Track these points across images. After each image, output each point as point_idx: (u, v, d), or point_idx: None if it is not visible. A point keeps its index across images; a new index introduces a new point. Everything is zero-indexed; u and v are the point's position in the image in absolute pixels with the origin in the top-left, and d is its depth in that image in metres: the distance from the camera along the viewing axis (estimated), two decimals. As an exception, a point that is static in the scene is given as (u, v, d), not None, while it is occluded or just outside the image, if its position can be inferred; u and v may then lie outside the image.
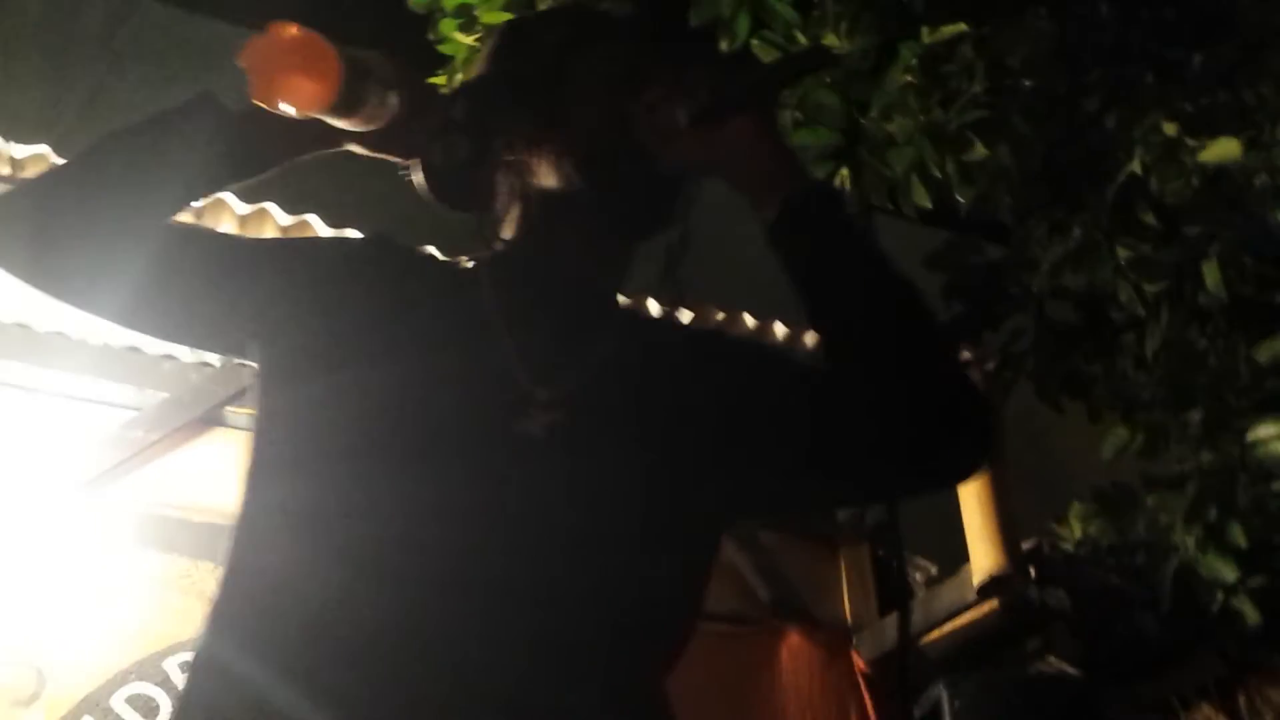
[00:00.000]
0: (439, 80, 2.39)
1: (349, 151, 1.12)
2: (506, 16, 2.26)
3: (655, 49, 1.14)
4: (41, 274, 1.02)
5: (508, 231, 1.09)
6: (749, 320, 3.28)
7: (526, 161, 1.07)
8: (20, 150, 2.86)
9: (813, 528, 4.05)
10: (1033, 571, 3.64)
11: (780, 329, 3.32)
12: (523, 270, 1.07)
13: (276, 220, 3.02)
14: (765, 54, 2.63)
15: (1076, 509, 4.41)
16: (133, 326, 1.08)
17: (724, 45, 2.30)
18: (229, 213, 2.96)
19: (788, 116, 2.70)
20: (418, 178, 1.10)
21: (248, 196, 2.97)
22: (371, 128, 1.07)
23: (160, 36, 5.77)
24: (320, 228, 2.99)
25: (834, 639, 3.75)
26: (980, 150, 2.56)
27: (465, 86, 1.12)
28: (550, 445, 0.97)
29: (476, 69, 1.15)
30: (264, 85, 1.00)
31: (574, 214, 1.07)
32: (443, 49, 2.45)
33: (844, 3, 2.37)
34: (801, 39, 2.60)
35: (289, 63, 1.00)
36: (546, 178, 1.06)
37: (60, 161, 1.05)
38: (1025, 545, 3.65)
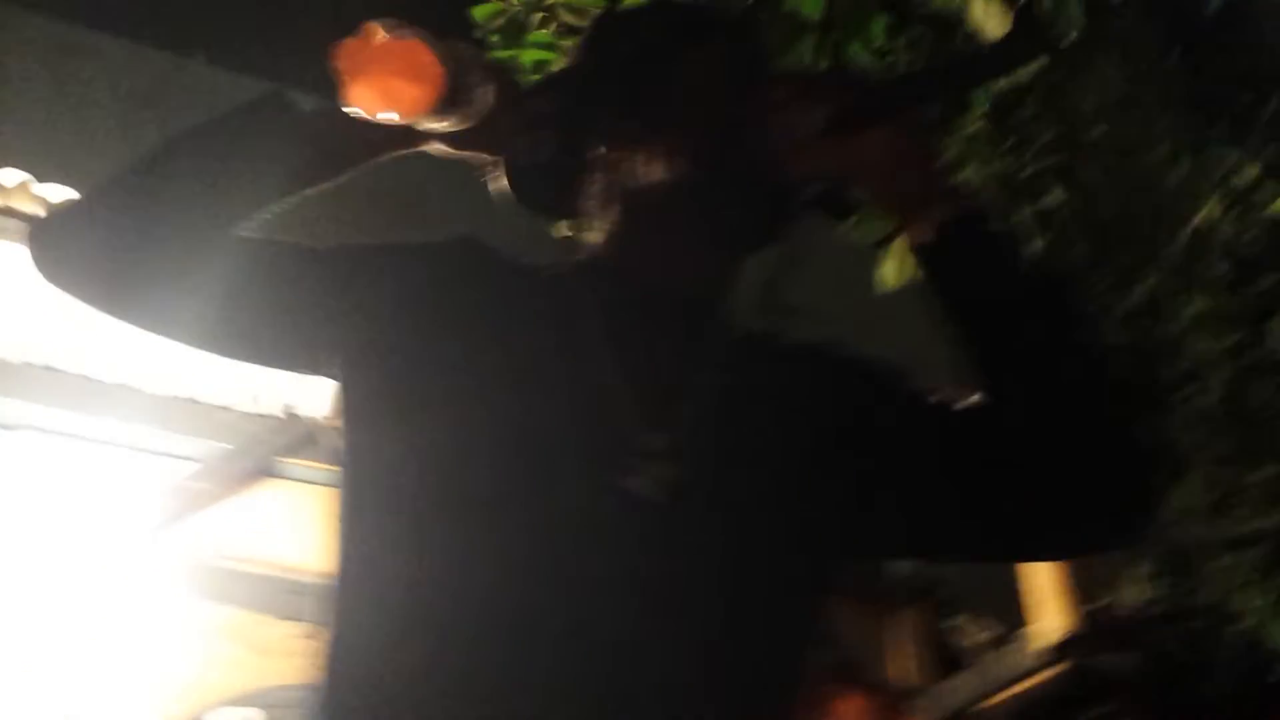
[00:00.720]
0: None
1: (425, 153, 1.00)
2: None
3: (766, 55, 1.06)
4: (106, 295, 0.93)
5: (599, 240, 0.98)
6: None
7: (625, 161, 0.97)
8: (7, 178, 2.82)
9: (868, 588, 3.97)
10: (1098, 633, 3.55)
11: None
12: (620, 285, 0.95)
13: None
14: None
15: (1141, 570, 4.32)
16: (206, 347, 0.97)
17: None
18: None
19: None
20: (498, 180, 1.00)
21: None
22: (464, 127, 0.96)
23: (207, 98, 5.87)
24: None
25: (890, 703, 3.65)
26: (1056, 196, 2.54)
27: (557, 78, 1.04)
28: (665, 506, 0.86)
29: (570, 59, 1.05)
30: (360, 91, 0.90)
31: (677, 222, 0.95)
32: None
33: (917, 49, 2.36)
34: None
35: (387, 67, 0.89)
36: (647, 180, 0.96)
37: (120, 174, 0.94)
38: (1087, 608, 3.56)
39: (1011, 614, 3.60)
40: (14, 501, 3.10)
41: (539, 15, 2.42)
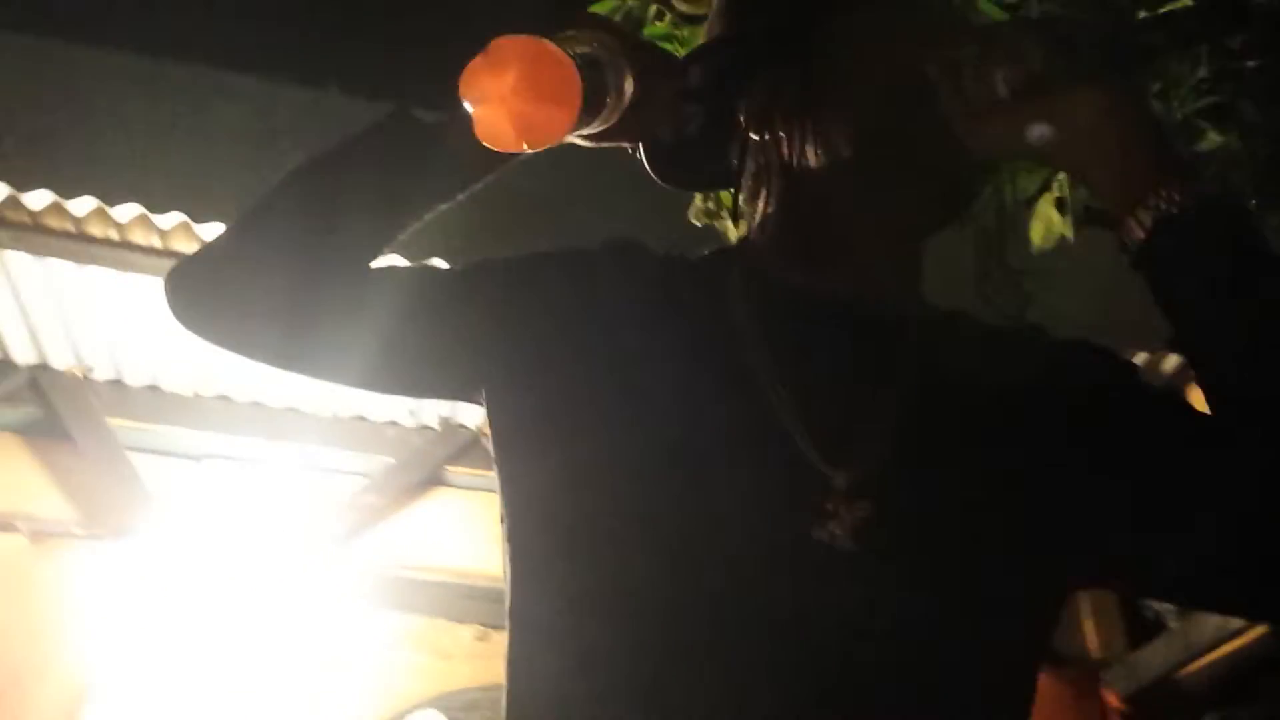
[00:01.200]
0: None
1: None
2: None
3: (942, 13, 0.90)
4: (237, 339, 0.87)
5: (759, 236, 0.87)
6: None
7: (783, 137, 0.85)
8: (165, 221, 2.92)
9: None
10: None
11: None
12: (786, 293, 0.84)
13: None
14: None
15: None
16: (365, 386, 0.92)
17: None
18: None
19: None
20: (646, 159, 0.91)
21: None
22: (608, 125, 0.85)
23: (345, 123, 6.05)
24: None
25: (1081, 677, 3.52)
26: (1212, 138, 2.39)
27: (701, 49, 0.91)
28: (861, 554, 0.74)
29: (712, 27, 0.94)
30: (492, 122, 0.79)
31: (848, 205, 0.83)
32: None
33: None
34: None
35: (527, 91, 0.78)
36: (810, 158, 0.83)
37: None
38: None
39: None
40: (207, 526, 3.27)
41: (654, 7, 2.41)
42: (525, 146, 0.80)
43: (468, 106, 0.79)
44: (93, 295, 3.08)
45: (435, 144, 0.87)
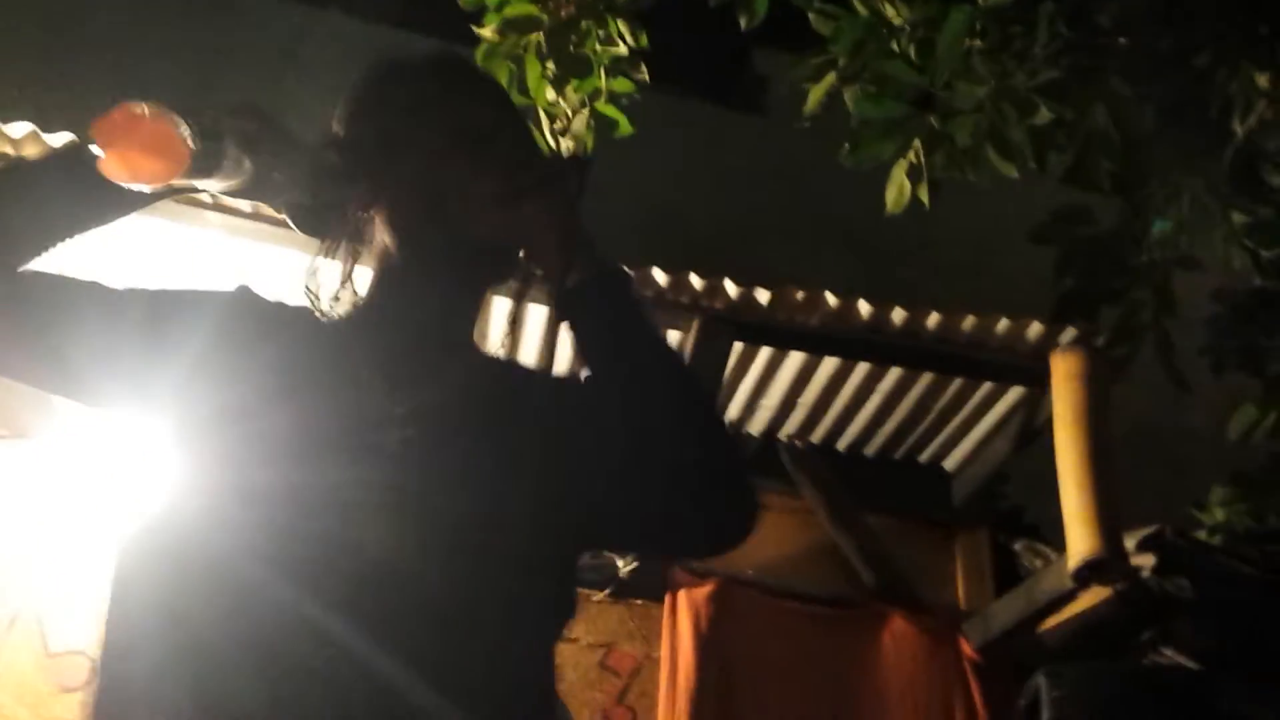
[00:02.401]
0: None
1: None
2: (530, 9, 2.29)
3: (479, 121, 1.21)
4: None
5: (366, 287, 1.19)
6: (831, 299, 3.23)
7: (367, 219, 1.18)
8: (14, 130, 2.96)
9: (928, 512, 3.96)
10: (1154, 558, 3.46)
11: (865, 308, 3.25)
12: (378, 319, 1.17)
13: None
14: (823, 27, 2.60)
15: (1217, 493, 4.16)
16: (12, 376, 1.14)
17: (743, 23, 2.27)
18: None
19: (853, 93, 2.65)
20: (286, 217, 1.20)
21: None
22: (229, 185, 1.13)
23: (342, 47, 6.10)
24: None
25: (940, 625, 3.66)
26: (1044, 114, 2.45)
27: (330, 137, 1.20)
28: (404, 455, 1.09)
29: (343, 121, 1.22)
30: (111, 163, 1.06)
31: (407, 272, 1.17)
32: (481, 45, 2.49)
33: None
34: (860, 9, 2.56)
35: (138, 141, 1.05)
36: (381, 237, 1.18)
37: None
38: (1146, 530, 3.47)
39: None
40: (105, 430, 3.40)
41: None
42: (134, 185, 1.07)
43: (97, 150, 1.06)
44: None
45: (95, 177, 1.09)
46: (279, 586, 1.02)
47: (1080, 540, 2.96)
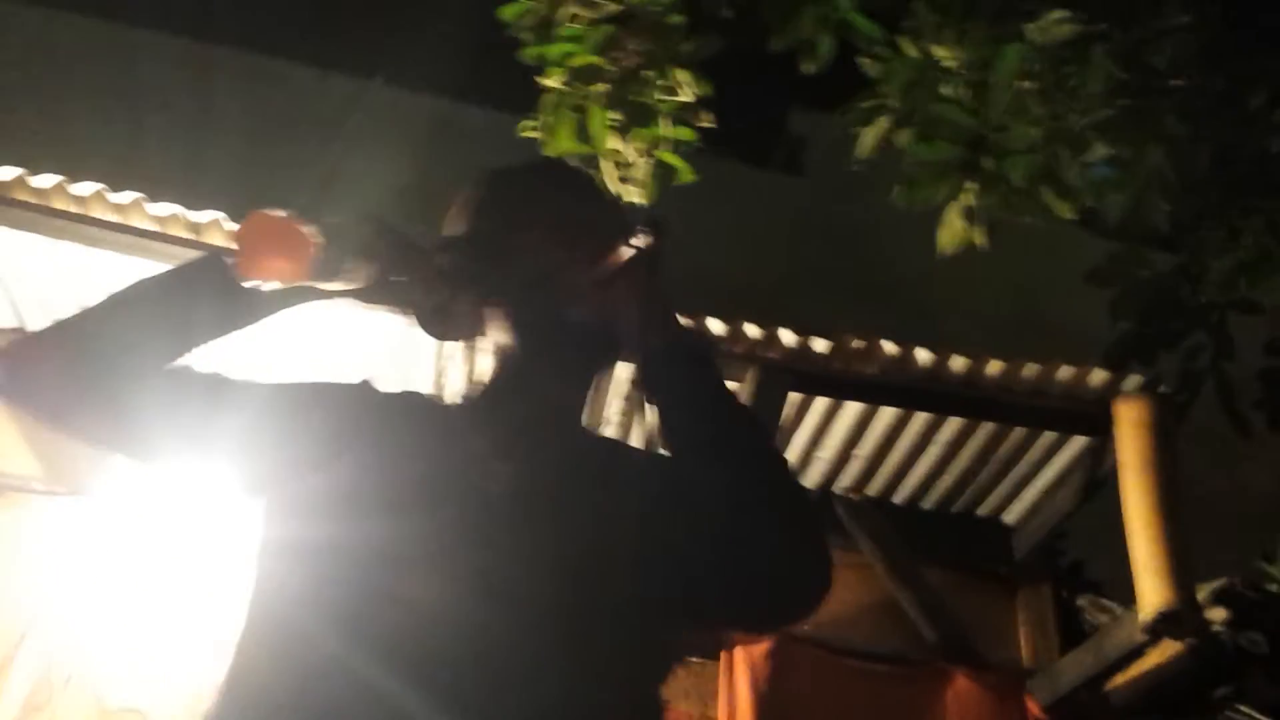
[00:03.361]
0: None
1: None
2: (596, 60, 2.32)
3: (586, 205, 1.28)
4: (58, 421, 1.14)
5: (487, 373, 1.24)
6: (889, 347, 3.19)
7: (486, 314, 1.23)
8: (198, 216, 3.12)
9: (988, 566, 3.87)
10: (1226, 612, 3.35)
11: (924, 355, 3.21)
12: (492, 405, 1.22)
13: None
14: (874, 70, 2.61)
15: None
16: (151, 462, 1.18)
17: (806, 68, 2.28)
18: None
19: (903, 137, 2.65)
20: (414, 319, 1.25)
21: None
22: (352, 288, 1.21)
23: (389, 116, 6.23)
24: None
25: (1005, 682, 3.55)
26: (1101, 151, 2.43)
27: (444, 241, 1.26)
28: (499, 536, 1.09)
29: (459, 224, 1.28)
30: (248, 263, 1.17)
31: (523, 360, 1.22)
32: (544, 96, 2.53)
33: (942, 12, 2.31)
34: (910, 50, 2.56)
35: (269, 244, 1.16)
36: (498, 329, 1.23)
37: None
38: (1217, 583, 3.36)
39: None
40: (161, 487, 3.43)
41: (564, 11, 2.51)
42: (268, 285, 1.17)
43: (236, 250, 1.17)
44: (59, 264, 3.24)
45: (233, 285, 1.19)
46: (358, 659, 1.01)
47: (1153, 591, 2.87)
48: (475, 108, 6.35)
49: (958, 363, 3.15)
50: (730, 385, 1.20)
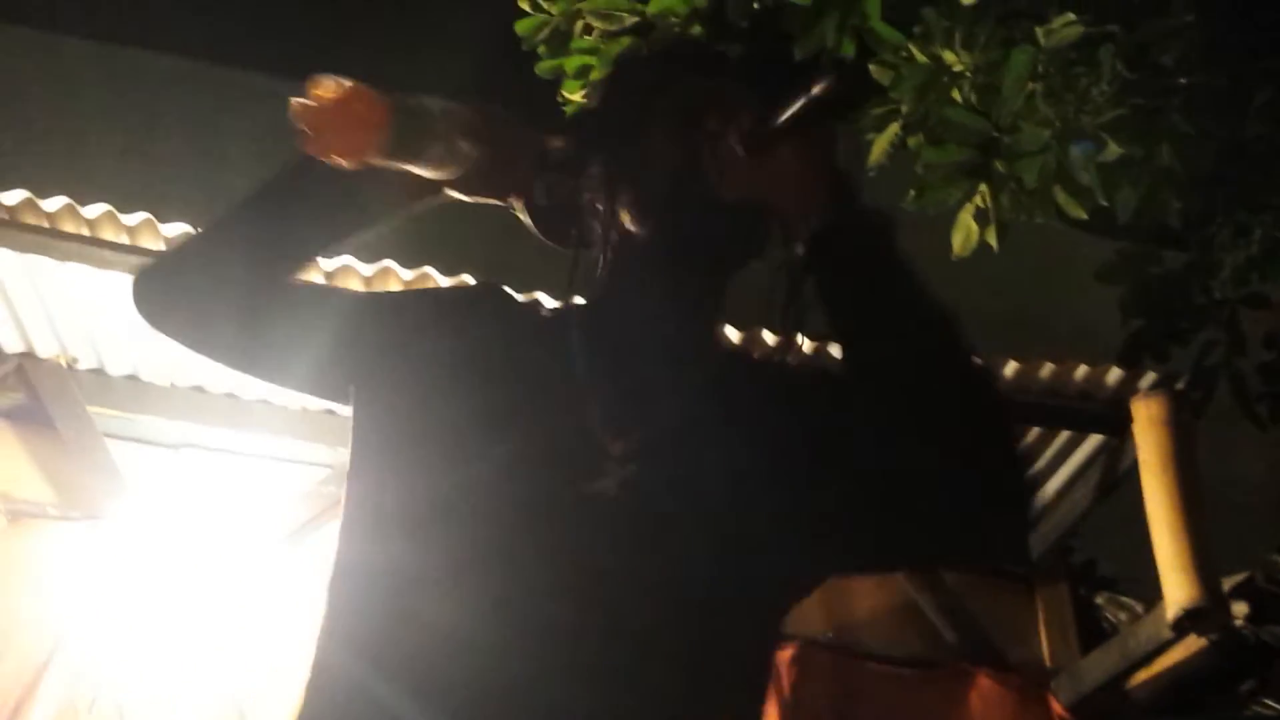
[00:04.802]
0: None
1: (455, 198, 1.14)
2: None
3: (727, 80, 1.13)
4: (195, 336, 1.11)
5: (599, 274, 1.09)
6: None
7: (608, 203, 1.07)
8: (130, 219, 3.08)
9: (1006, 566, 3.88)
10: (1247, 607, 3.35)
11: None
12: (609, 319, 1.07)
13: (399, 274, 3.16)
14: (884, 77, 2.62)
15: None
16: (254, 374, 1.15)
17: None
18: (354, 274, 3.13)
19: (913, 142, 2.67)
20: (524, 216, 1.13)
21: (369, 256, 3.16)
22: (449, 173, 1.08)
23: None
24: (439, 278, 3.12)
25: (1028, 682, 3.56)
26: (1114, 150, 2.44)
27: (561, 125, 1.15)
28: (622, 502, 0.96)
29: (580, 110, 1.20)
30: (316, 140, 1.03)
31: (654, 257, 1.06)
32: (567, 110, 2.55)
33: (953, 17, 2.33)
34: (920, 56, 2.57)
35: (337, 117, 1.02)
36: (626, 220, 1.07)
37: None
38: (1238, 578, 3.37)
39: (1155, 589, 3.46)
40: (179, 511, 3.43)
41: (580, 24, 2.52)
42: (340, 161, 1.03)
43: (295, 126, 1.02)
44: (72, 288, 3.25)
45: (337, 185, 1.08)
46: (453, 660, 0.93)
47: (1179, 589, 2.88)
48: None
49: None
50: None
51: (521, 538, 0.95)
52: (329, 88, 1.02)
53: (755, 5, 2.17)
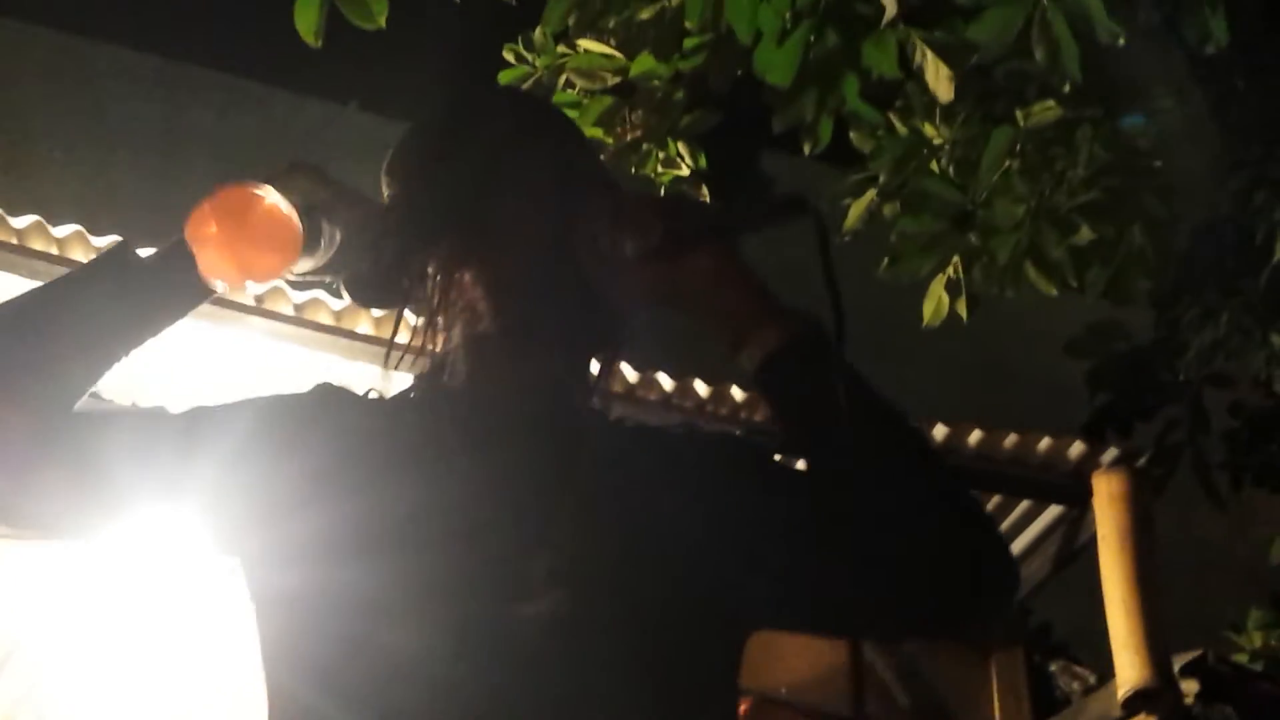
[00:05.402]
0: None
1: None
2: (596, 132, 2.33)
3: (592, 158, 1.08)
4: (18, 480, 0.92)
5: (451, 360, 0.98)
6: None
7: (455, 279, 0.98)
8: (60, 230, 2.98)
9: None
10: (1198, 685, 3.37)
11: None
12: (475, 406, 0.96)
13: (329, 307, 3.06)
14: (864, 144, 2.64)
15: (1255, 616, 4.08)
16: (113, 518, 0.96)
17: (806, 149, 2.31)
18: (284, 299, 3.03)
19: (888, 209, 2.69)
20: (346, 284, 1.03)
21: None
22: (318, 264, 0.98)
23: (362, 140, 6.25)
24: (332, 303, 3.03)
25: (979, 749, 3.56)
26: (1086, 234, 2.47)
27: (395, 196, 1.03)
28: (560, 619, 0.87)
29: (414, 171, 1.04)
30: (214, 264, 0.91)
31: (507, 342, 0.97)
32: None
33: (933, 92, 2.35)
34: (901, 128, 2.60)
35: (247, 234, 0.90)
36: (472, 302, 0.97)
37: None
38: (1189, 655, 3.39)
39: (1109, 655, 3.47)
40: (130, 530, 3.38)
41: (563, 78, 2.53)
42: (249, 285, 0.94)
43: (192, 247, 0.91)
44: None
45: (156, 279, 0.95)
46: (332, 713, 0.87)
47: (1129, 668, 2.89)
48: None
49: (939, 431, 3.18)
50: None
51: (451, 675, 0.85)
52: (238, 198, 0.91)
53: (739, 73, 2.18)
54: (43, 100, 5.97)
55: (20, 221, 2.98)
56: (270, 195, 0.92)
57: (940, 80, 1.84)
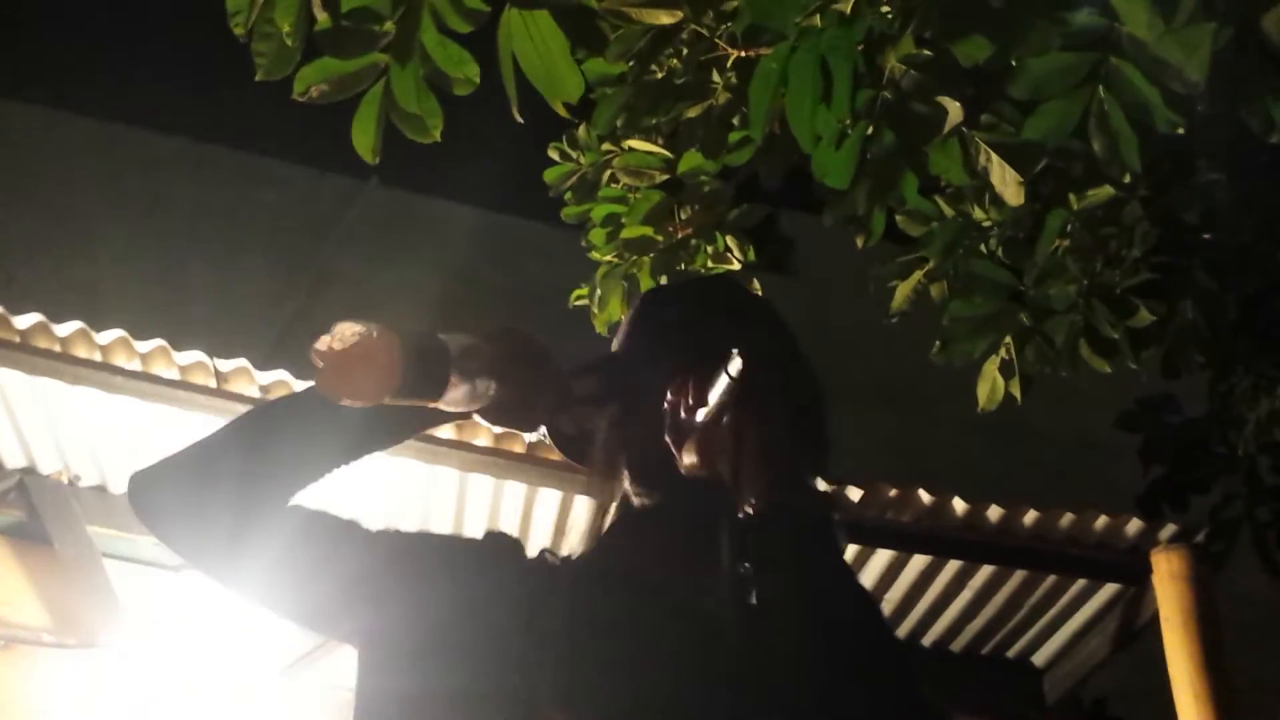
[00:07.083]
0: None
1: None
2: (646, 230, 2.32)
3: (698, 343, 1.11)
4: (176, 531, 1.08)
5: (608, 521, 1.10)
6: (925, 496, 3.16)
7: (619, 443, 1.09)
8: (224, 364, 3.11)
9: (1018, 711, 3.79)
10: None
11: (960, 505, 3.18)
12: (633, 569, 1.06)
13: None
14: (912, 230, 2.63)
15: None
16: (244, 592, 1.09)
17: (859, 243, 2.29)
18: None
19: (939, 289, 2.67)
20: (549, 438, 1.14)
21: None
22: (464, 408, 1.08)
23: (383, 214, 6.28)
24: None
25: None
26: (1145, 316, 2.43)
27: (586, 364, 1.14)
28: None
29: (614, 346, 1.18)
30: (327, 382, 1.03)
31: (650, 516, 1.08)
32: (592, 255, 2.54)
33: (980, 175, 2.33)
34: (948, 211, 2.58)
35: (354, 362, 1.02)
36: (627, 466, 1.09)
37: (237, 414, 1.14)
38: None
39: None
40: (179, 637, 3.34)
41: (608, 173, 2.53)
42: (350, 401, 1.03)
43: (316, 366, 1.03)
44: (79, 408, 3.20)
45: (341, 419, 1.09)
46: None
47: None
48: (465, 207, 6.38)
49: (994, 512, 3.12)
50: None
51: None
52: (347, 333, 1.03)
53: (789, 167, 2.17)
54: (76, 182, 6.01)
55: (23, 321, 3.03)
56: (364, 331, 1.03)
57: (1009, 185, 1.82)
